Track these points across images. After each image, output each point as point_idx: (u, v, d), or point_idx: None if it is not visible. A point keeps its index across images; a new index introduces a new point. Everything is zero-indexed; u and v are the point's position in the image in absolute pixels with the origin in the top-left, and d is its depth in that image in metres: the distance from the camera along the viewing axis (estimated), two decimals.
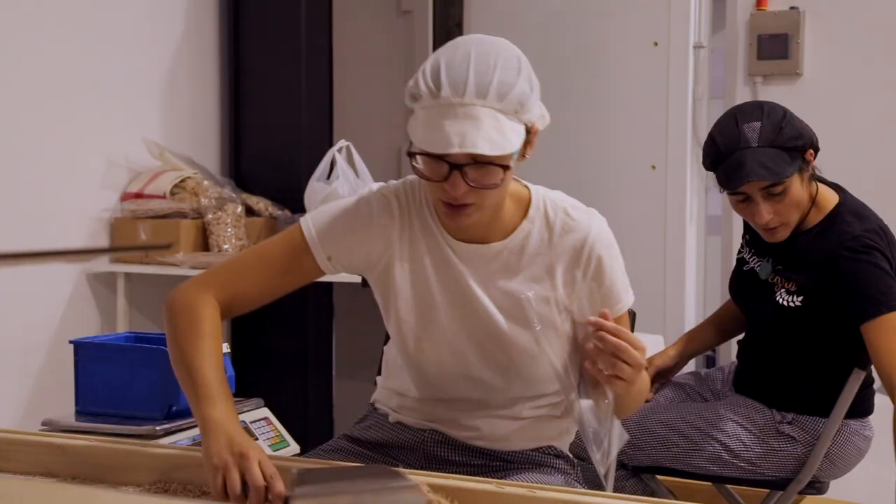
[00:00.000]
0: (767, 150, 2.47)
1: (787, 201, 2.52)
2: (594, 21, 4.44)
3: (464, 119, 1.68)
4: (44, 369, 3.67)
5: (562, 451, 2.03)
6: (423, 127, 1.71)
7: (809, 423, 2.62)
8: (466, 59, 1.71)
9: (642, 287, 2.70)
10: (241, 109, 4.37)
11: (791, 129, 2.50)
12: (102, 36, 3.87)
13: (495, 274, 1.89)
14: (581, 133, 4.46)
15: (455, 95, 1.68)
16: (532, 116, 1.77)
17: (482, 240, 1.89)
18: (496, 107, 1.70)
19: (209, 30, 4.35)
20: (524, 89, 1.74)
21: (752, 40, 4.29)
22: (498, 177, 1.73)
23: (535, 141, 1.81)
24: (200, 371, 1.78)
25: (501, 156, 1.71)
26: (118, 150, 3.94)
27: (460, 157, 1.70)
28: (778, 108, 2.55)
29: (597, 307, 1.79)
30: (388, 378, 2.08)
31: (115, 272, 3.87)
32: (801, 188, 2.53)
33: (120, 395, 2.58)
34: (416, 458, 1.98)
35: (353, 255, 1.91)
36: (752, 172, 2.45)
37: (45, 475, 1.84)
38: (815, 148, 2.55)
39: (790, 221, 2.56)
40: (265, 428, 2.84)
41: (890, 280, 2.46)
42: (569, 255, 1.88)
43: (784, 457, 2.62)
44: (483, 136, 1.67)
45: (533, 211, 1.90)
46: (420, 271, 1.91)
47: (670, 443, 2.65)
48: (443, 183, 1.73)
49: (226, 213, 3.94)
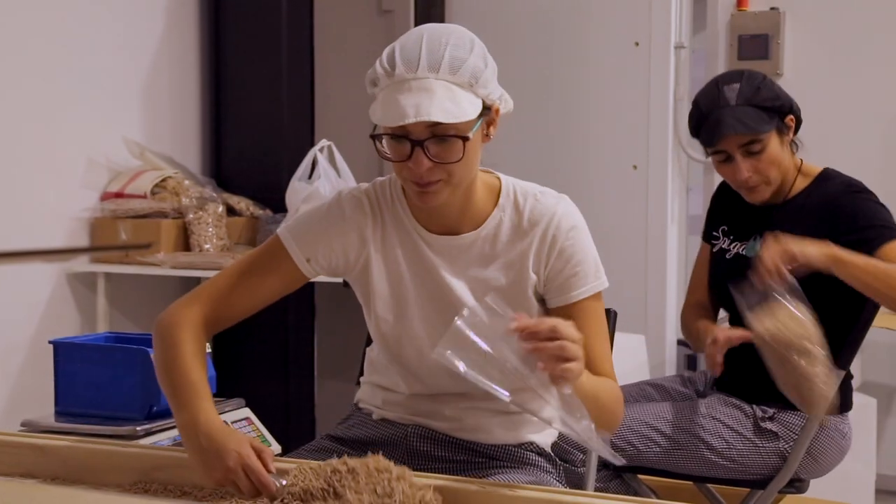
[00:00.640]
0: (746, 109, 2.59)
1: (765, 158, 2.61)
2: (576, 21, 4.45)
3: (418, 91, 1.72)
4: (23, 370, 3.65)
5: (543, 448, 2.04)
6: (381, 106, 1.76)
7: (789, 418, 2.64)
8: (419, 39, 1.77)
9: (624, 287, 2.72)
10: (223, 109, 4.36)
11: (769, 91, 2.62)
12: (82, 35, 3.86)
13: (469, 264, 1.91)
14: (562, 133, 4.47)
15: (409, 71, 1.74)
16: (490, 93, 1.80)
17: (455, 231, 1.91)
18: (449, 79, 1.74)
19: (190, 29, 4.34)
20: (477, 64, 1.77)
21: (733, 41, 4.32)
22: (459, 149, 1.76)
23: (497, 121, 1.85)
24: (182, 376, 1.83)
25: (460, 126, 1.74)
26: (98, 149, 3.93)
27: (420, 133, 1.74)
28: (757, 73, 2.68)
29: (563, 291, 1.86)
30: (374, 374, 2.08)
31: (96, 272, 3.85)
32: (780, 148, 2.64)
33: (100, 396, 2.57)
34: (399, 454, 1.98)
35: (331, 254, 1.93)
36: (729, 127, 2.57)
37: (24, 476, 1.83)
38: (795, 115, 2.66)
39: (770, 179, 2.65)
40: (247, 428, 2.84)
41: (887, 212, 2.57)
42: (539, 239, 1.90)
43: (767, 454, 2.63)
44: (437, 106, 1.71)
45: (503, 199, 1.92)
46: (394, 267, 1.93)
47: (653, 443, 2.66)
48: (407, 162, 1.77)
49: (207, 213, 3.93)
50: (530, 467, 1.98)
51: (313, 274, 1.95)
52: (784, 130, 2.65)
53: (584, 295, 1.89)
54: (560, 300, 1.90)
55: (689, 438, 2.65)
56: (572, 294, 1.89)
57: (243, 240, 4.13)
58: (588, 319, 1.87)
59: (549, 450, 2.05)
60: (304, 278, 1.96)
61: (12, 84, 3.60)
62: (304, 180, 3.81)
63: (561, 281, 1.89)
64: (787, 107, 2.64)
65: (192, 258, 3.79)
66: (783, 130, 2.65)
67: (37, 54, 3.67)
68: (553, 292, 1.90)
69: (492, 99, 1.82)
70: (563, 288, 1.89)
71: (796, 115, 2.67)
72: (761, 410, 2.65)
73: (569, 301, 1.89)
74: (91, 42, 3.89)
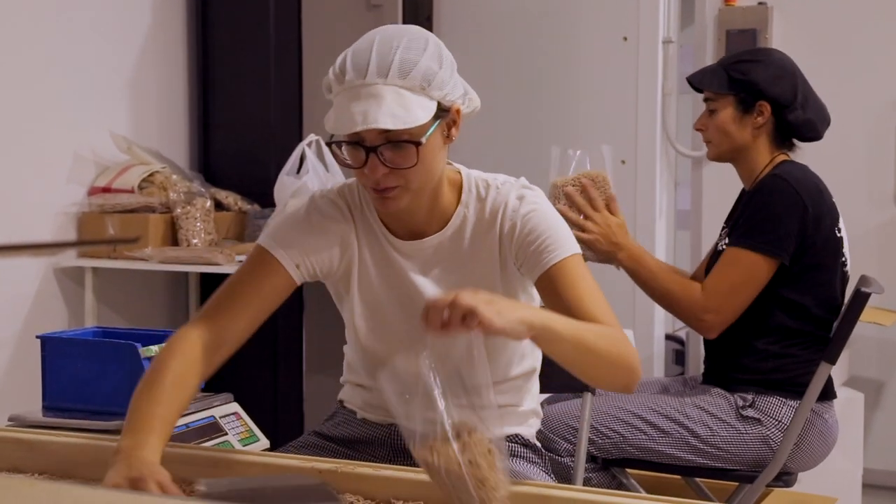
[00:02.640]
0: (717, 68, 2.79)
1: (715, 121, 2.76)
2: (564, 15, 4.44)
3: (367, 98, 1.71)
4: (10, 364, 3.64)
5: (528, 439, 2.03)
6: (334, 113, 1.76)
7: (767, 401, 2.66)
8: (370, 44, 1.76)
9: (612, 282, 2.72)
10: (210, 103, 4.35)
11: (748, 69, 2.72)
12: (69, 29, 3.84)
13: (437, 265, 1.90)
14: (550, 128, 4.46)
15: (358, 77, 1.73)
16: (446, 94, 1.77)
17: (421, 233, 1.90)
18: (398, 83, 1.72)
19: (177, 23, 4.32)
20: (430, 66, 1.75)
21: (721, 35, 4.32)
22: (412, 155, 1.74)
23: (459, 121, 1.82)
24: (139, 410, 1.72)
25: (411, 131, 1.73)
26: (85, 144, 3.91)
27: (374, 139, 1.73)
28: (764, 54, 2.83)
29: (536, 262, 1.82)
30: (352, 374, 2.08)
31: (83, 266, 3.84)
32: (734, 122, 2.74)
33: (88, 391, 2.57)
34: (384, 452, 1.98)
35: (317, 260, 1.91)
36: (693, 75, 2.83)
37: (11, 471, 1.83)
38: (774, 105, 2.71)
39: (716, 143, 2.78)
40: (235, 423, 2.83)
41: (771, 224, 2.61)
42: (499, 227, 1.87)
43: (751, 440, 2.65)
44: (385, 112, 1.69)
45: (465, 194, 1.90)
46: (365, 274, 1.92)
47: (638, 430, 2.68)
48: (363, 168, 1.76)
49: (195, 208, 3.92)
50: (517, 459, 1.98)
51: (302, 279, 1.92)
52: (748, 109, 2.72)
53: (557, 258, 1.81)
54: (537, 272, 1.83)
55: (673, 426, 2.67)
56: (544, 261, 1.82)
57: (231, 234, 4.13)
58: (570, 279, 1.80)
59: (534, 440, 2.05)
60: (294, 285, 1.92)
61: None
62: (293, 175, 3.80)
63: (531, 254, 1.83)
64: (756, 89, 2.70)
65: (179, 253, 3.78)
66: (747, 109, 2.72)
67: (23, 49, 3.66)
68: (528, 267, 1.85)
69: (450, 100, 1.79)
70: (535, 259, 1.83)
71: (775, 105, 2.70)
72: (741, 398, 2.67)
73: (544, 268, 1.82)
74: (78, 36, 3.88)
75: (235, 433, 2.80)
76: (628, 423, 2.69)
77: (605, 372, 1.76)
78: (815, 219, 2.63)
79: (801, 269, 2.64)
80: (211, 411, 2.79)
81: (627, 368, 1.75)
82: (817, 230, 2.64)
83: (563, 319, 1.69)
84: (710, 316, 2.63)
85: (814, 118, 2.74)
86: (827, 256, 2.67)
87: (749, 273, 2.61)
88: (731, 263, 2.63)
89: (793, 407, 2.63)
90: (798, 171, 2.71)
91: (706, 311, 2.62)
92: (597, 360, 1.72)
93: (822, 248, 2.65)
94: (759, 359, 2.67)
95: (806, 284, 2.65)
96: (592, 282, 1.83)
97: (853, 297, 2.60)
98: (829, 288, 2.69)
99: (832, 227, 2.68)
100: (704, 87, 2.78)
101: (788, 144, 2.79)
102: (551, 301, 1.82)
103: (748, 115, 2.72)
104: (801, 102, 2.72)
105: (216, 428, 2.76)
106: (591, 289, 1.82)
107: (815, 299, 2.67)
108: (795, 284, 2.65)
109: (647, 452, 2.69)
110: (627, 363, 1.75)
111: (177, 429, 2.64)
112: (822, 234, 2.65)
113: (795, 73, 2.75)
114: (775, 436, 2.63)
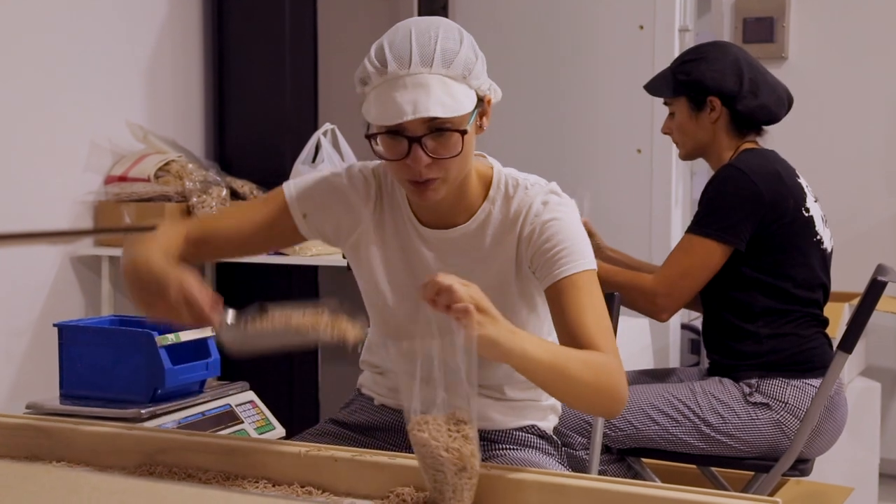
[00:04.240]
0: (665, 72, 2.86)
1: (674, 122, 2.85)
2: (579, 4, 4.43)
3: (413, 88, 1.70)
4: (28, 352, 3.66)
5: (545, 431, 2.04)
6: (376, 104, 1.73)
7: (770, 385, 2.67)
8: (408, 35, 1.75)
9: None
10: (226, 92, 4.35)
11: (690, 68, 2.79)
12: (85, 18, 3.85)
13: (458, 258, 1.89)
14: (567, 117, 4.46)
15: (401, 68, 1.71)
16: (481, 84, 1.79)
17: (448, 222, 1.90)
18: (443, 73, 1.72)
19: (193, 12, 4.33)
20: (469, 56, 1.76)
21: (738, 23, 4.30)
22: (457, 144, 1.74)
23: (490, 112, 1.84)
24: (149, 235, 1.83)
25: (456, 119, 1.73)
26: (101, 133, 3.92)
27: (417, 129, 1.72)
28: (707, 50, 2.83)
29: (549, 270, 1.81)
30: (370, 354, 2.08)
31: (100, 255, 3.86)
32: (691, 121, 2.81)
33: (105, 379, 2.58)
34: (400, 439, 1.98)
35: (325, 219, 1.94)
36: (648, 84, 2.89)
37: (29, 458, 1.84)
38: (724, 98, 2.76)
39: (681, 143, 2.87)
40: (251, 411, 2.85)
41: (723, 212, 2.65)
42: (520, 228, 1.87)
43: (763, 425, 2.65)
44: (434, 100, 1.69)
45: (493, 191, 1.90)
46: (388, 254, 1.93)
47: (651, 420, 2.68)
48: (405, 160, 1.74)
49: (210, 197, 3.93)
50: (532, 449, 1.99)
51: (305, 231, 1.95)
52: (700, 107, 2.78)
53: (569, 272, 1.80)
54: (547, 281, 1.82)
55: (686, 416, 2.67)
56: (556, 272, 1.81)
57: None
58: (577, 294, 1.79)
59: (550, 433, 2.05)
60: (295, 231, 1.96)
61: (15, 68, 3.59)
62: (308, 164, 3.81)
63: (545, 261, 1.83)
64: (701, 87, 2.76)
65: None
66: (699, 106, 2.79)
67: (39, 38, 3.67)
68: (540, 275, 1.84)
69: (483, 90, 1.80)
70: (548, 269, 1.82)
71: (723, 98, 2.76)
72: (746, 385, 2.68)
73: (555, 279, 1.81)
74: (94, 25, 3.89)
75: (251, 421, 2.82)
76: (642, 414, 2.69)
77: (587, 401, 1.74)
78: (772, 203, 2.64)
79: (770, 252, 2.67)
80: (227, 399, 2.80)
81: (609, 398, 1.73)
82: (778, 214, 2.65)
83: (546, 348, 1.66)
84: (661, 299, 2.69)
85: (766, 102, 2.77)
86: (796, 237, 2.69)
87: (700, 259, 2.66)
88: (683, 249, 2.69)
89: (796, 386, 2.64)
90: (756, 158, 2.73)
91: (657, 294, 2.69)
92: (577, 390, 1.70)
93: (788, 231, 2.67)
94: (754, 342, 2.69)
95: (781, 267, 2.69)
96: (599, 301, 1.81)
97: (870, 286, 2.58)
98: (807, 268, 2.71)
99: (797, 208, 2.69)
100: (657, 94, 2.89)
101: (754, 132, 2.81)
102: (554, 313, 1.81)
103: (702, 113, 2.79)
104: (750, 89, 2.76)
105: (232, 416, 2.77)
106: (595, 308, 1.79)
107: (793, 281, 2.69)
108: (770, 269, 2.68)
109: (661, 442, 2.69)
110: (610, 392, 1.73)
111: (193, 416, 2.67)
112: (785, 217, 2.66)
113: (739, 62, 2.78)
114: (786, 419, 2.63)
